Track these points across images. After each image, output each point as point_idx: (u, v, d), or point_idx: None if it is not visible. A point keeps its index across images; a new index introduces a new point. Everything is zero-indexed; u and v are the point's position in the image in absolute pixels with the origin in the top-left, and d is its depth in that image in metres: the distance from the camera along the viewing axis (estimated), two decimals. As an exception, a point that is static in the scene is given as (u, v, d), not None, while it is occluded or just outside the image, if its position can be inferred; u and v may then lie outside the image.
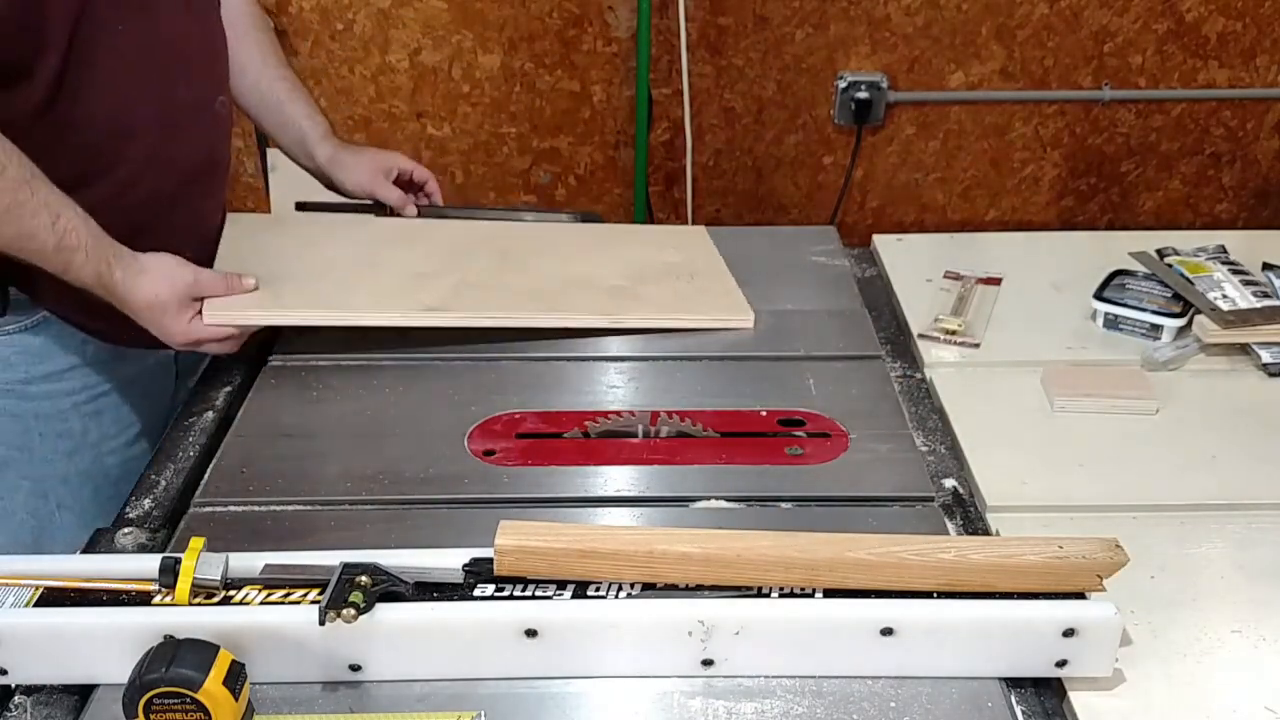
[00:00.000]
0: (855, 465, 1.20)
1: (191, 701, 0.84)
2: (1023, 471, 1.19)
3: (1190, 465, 1.21)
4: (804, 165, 2.71)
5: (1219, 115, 2.68)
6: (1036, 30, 2.56)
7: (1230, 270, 1.48)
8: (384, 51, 2.54)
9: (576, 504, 1.15)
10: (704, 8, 2.51)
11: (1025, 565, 0.94)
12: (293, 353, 1.39)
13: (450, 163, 2.68)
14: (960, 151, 2.70)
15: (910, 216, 2.79)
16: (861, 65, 2.59)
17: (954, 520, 1.13)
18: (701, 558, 0.95)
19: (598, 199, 2.73)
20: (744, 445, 1.23)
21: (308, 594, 0.95)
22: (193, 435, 1.26)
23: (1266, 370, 1.37)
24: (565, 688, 0.94)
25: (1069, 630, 0.92)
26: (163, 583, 0.94)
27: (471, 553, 0.96)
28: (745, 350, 1.41)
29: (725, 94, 2.62)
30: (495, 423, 1.27)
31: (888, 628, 0.92)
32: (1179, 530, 1.12)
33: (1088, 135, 2.69)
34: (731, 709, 0.91)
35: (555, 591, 0.95)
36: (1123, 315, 1.44)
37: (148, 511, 1.14)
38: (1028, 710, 0.93)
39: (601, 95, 2.60)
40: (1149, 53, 2.59)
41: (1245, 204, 2.80)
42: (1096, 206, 2.79)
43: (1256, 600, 1.04)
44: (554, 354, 1.40)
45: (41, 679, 0.94)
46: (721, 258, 1.58)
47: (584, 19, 2.52)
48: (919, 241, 1.73)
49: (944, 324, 1.44)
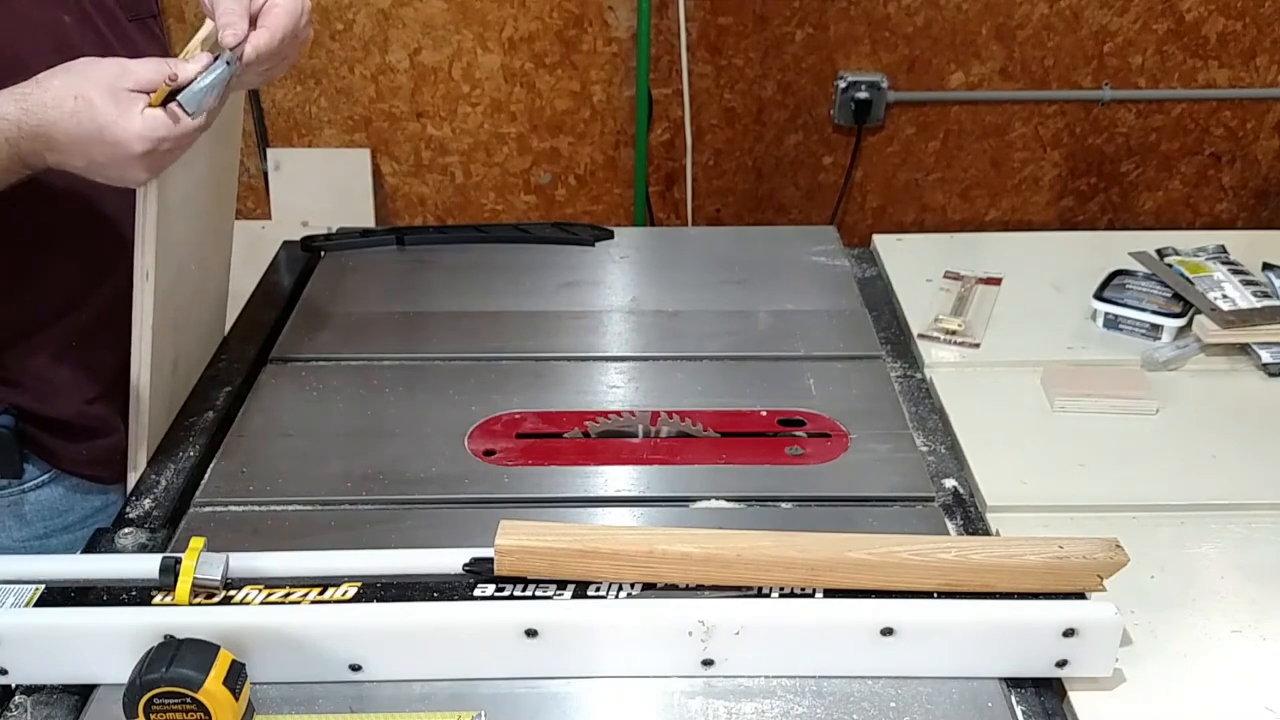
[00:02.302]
0: (855, 465, 1.20)
1: (192, 701, 0.84)
2: (1023, 471, 1.19)
3: (1190, 465, 1.21)
4: (804, 165, 2.71)
5: (1219, 115, 2.68)
6: (1036, 30, 2.56)
7: (1230, 270, 1.48)
8: (384, 51, 2.54)
9: (576, 504, 1.15)
10: (704, 8, 2.52)
11: (1025, 565, 0.95)
12: (293, 353, 1.39)
13: (450, 163, 2.68)
14: (960, 151, 2.70)
15: (910, 216, 2.79)
16: (861, 65, 2.59)
17: (954, 520, 1.13)
18: (701, 558, 0.95)
19: (598, 199, 2.73)
20: (744, 445, 1.23)
21: (308, 594, 0.95)
22: (193, 435, 1.26)
23: (1266, 370, 1.37)
24: (565, 688, 0.94)
25: (1069, 630, 0.92)
26: (163, 583, 0.94)
27: (471, 553, 0.97)
28: (745, 350, 1.41)
29: (725, 94, 2.62)
30: (495, 423, 1.27)
31: (888, 628, 0.92)
32: (1179, 530, 1.12)
33: (1088, 135, 2.69)
34: (731, 709, 0.91)
35: (555, 591, 0.95)
36: (1123, 315, 1.44)
37: (148, 511, 1.14)
38: (1028, 710, 0.93)
39: (601, 95, 2.60)
40: (1149, 53, 2.60)
41: (1245, 204, 2.80)
42: (1096, 206, 2.79)
43: (1256, 600, 1.04)
44: (554, 354, 1.40)
45: (41, 679, 0.94)
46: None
47: (584, 19, 2.52)
48: (919, 241, 1.73)
49: (944, 324, 1.44)
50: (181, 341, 1.29)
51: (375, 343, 1.41)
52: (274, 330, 1.46)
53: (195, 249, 1.29)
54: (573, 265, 1.62)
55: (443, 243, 1.68)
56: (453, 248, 1.67)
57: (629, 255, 1.65)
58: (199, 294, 1.35)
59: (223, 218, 1.41)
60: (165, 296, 1.17)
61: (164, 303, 1.17)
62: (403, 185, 2.71)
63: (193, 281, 1.30)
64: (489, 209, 2.74)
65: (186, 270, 1.26)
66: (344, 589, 0.95)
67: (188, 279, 1.27)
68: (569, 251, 1.66)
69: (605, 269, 1.62)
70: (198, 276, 1.32)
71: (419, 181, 2.70)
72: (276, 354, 1.40)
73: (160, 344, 1.19)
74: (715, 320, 1.48)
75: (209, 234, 1.35)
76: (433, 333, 1.40)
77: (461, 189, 2.71)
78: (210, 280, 1.40)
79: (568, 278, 1.58)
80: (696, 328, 1.47)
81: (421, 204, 2.74)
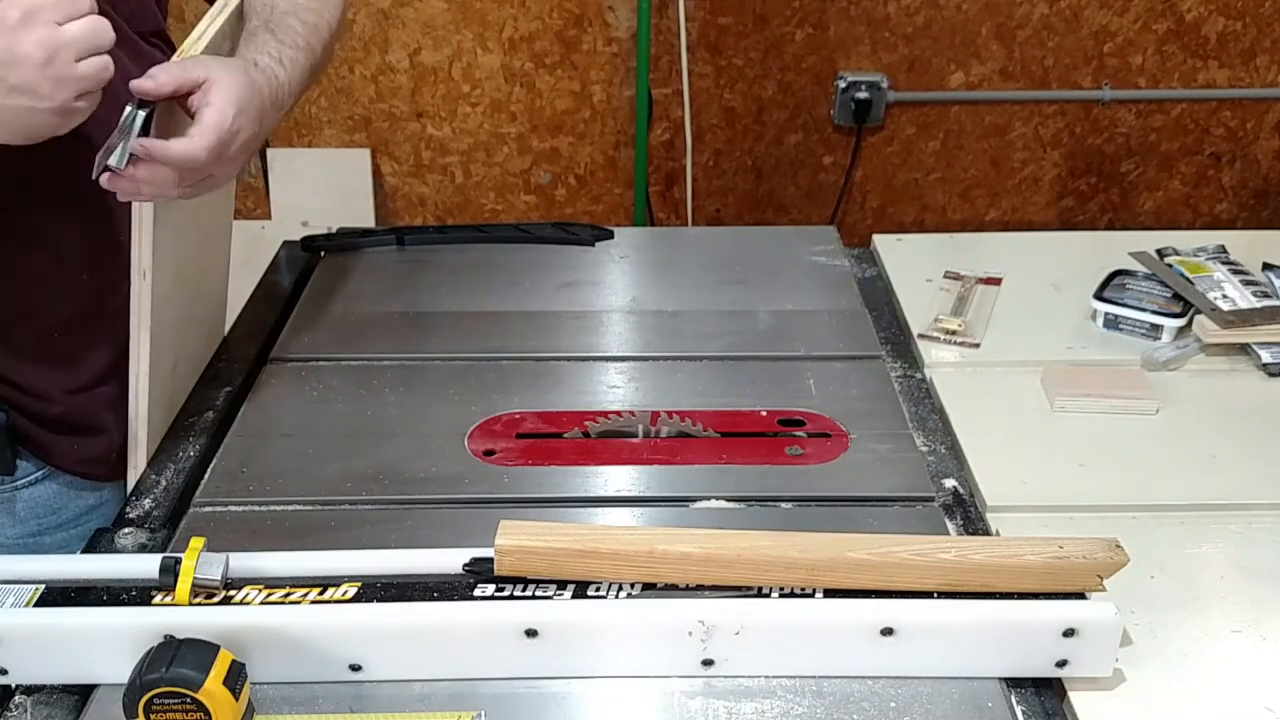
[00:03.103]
0: (855, 465, 1.20)
1: (192, 701, 0.84)
2: (1023, 471, 1.19)
3: (1190, 465, 1.21)
4: (804, 165, 2.71)
5: (1219, 115, 2.68)
6: (1036, 30, 2.56)
7: (1230, 270, 1.48)
8: (384, 51, 2.55)
9: (576, 504, 1.15)
10: (704, 8, 2.52)
11: (1025, 565, 0.94)
12: (293, 353, 1.39)
13: (450, 163, 2.68)
14: (960, 151, 2.70)
15: (910, 216, 2.79)
16: (861, 65, 2.60)
17: (954, 520, 1.12)
18: (702, 558, 0.95)
19: (598, 199, 2.73)
20: (744, 445, 1.23)
21: (308, 594, 0.95)
22: (193, 435, 1.26)
23: (1266, 370, 1.37)
24: (565, 688, 0.94)
25: (1069, 630, 0.92)
26: (163, 583, 0.94)
27: (471, 553, 0.97)
28: (745, 350, 1.41)
29: (725, 94, 2.62)
30: (495, 423, 1.27)
31: (888, 628, 0.92)
32: (1179, 530, 1.12)
33: (1088, 135, 2.69)
34: (731, 709, 0.91)
35: (555, 591, 0.95)
36: (1123, 315, 1.44)
37: (148, 511, 1.14)
38: (1028, 710, 0.93)
39: (601, 95, 2.60)
40: (1149, 53, 2.60)
41: (1245, 204, 2.80)
42: (1096, 206, 2.79)
43: (1256, 600, 1.04)
44: (554, 354, 1.40)
45: (41, 679, 0.94)
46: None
47: (584, 19, 2.52)
48: (919, 241, 1.73)
49: (944, 324, 1.44)
50: (181, 341, 1.29)
51: (375, 343, 1.41)
52: (274, 330, 1.46)
53: (193, 248, 1.29)
54: (573, 265, 1.62)
55: (443, 243, 1.68)
56: (453, 248, 1.67)
57: (629, 255, 1.65)
58: (198, 293, 1.34)
59: (221, 215, 1.41)
60: (163, 296, 1.17)
61: (162, 302, 1.17)
62: (403, 185, 2.71)
63: (191, 281, 1.30)
64: (489, 209, 2.74)
65: (185, 269, 1.25)
66: (344, 589, 0.95)
67: (186, 278, 1.27)
68: (569, 251, 1.66)
69: (605, 269, 1.62)
70: (196, 276, 1.32)
71: (419, 181, 2.70)
72: (276, 354, 1.40)
73: (159, 344, 1.19)
74: (715, 320, 1.48)
75: (207, 233, 1.35)
76: (433, 333, 1.40)
77: (461, 189, 2.71)
78: (209, 279, 1.40)
79: (568, 278, 1.58)
80: (696, 328, 1.47)
81: (421, 204, 2.74)
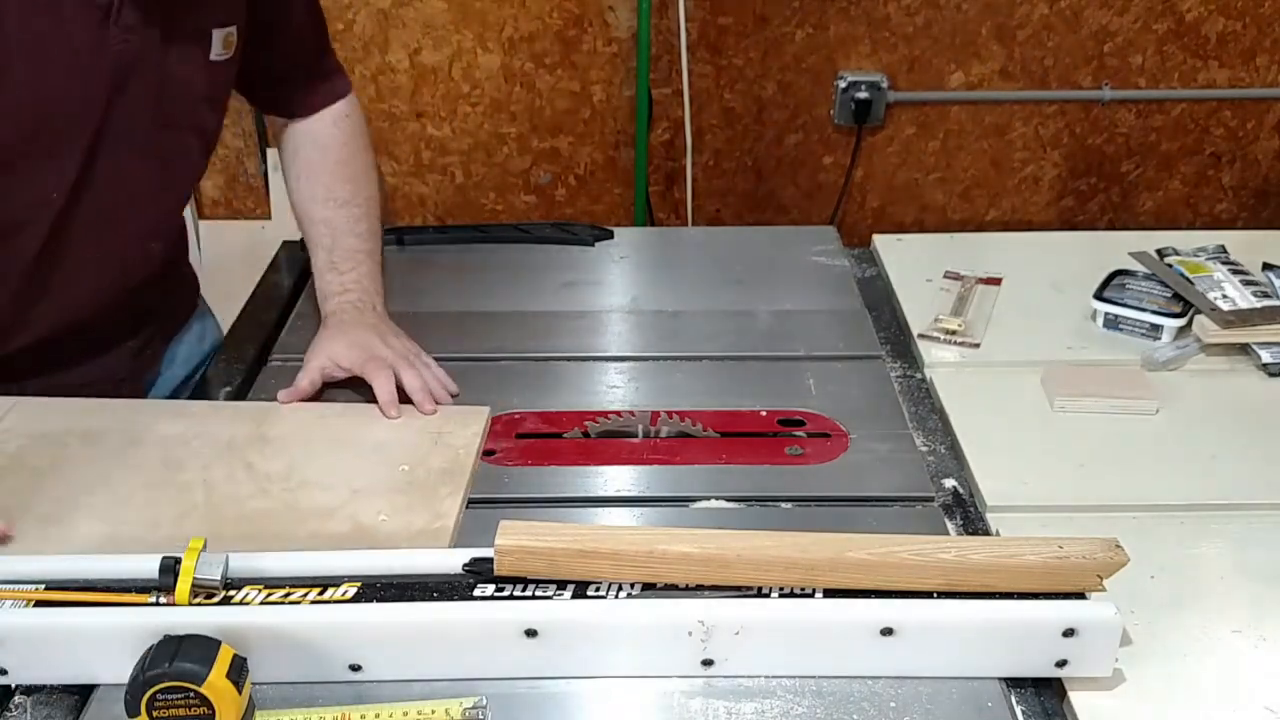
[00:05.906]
0: (855, 465, 1.20)
1: (195, 696, 0.84)
2: (1023, 471, 1.19)
3: (1190, 465, 1.21)
4: (804, 165, 2.71)
5: (1219, 115, 2.68)
6: (1036, 30, 2.56)
7: (1230, 270, 1.48)
8: (384, 51, 2.54)
9: (576, 504, 1.15)
10: (704, 8, 2.52)
11: (1025, 565, 0.94)
12: (293, 353, 1.39)
13: (450, 163, 2.68)
14: (960, 151, 2.70)
15: (910, 216, 2.79)
16: (861, 65, 2.59)
17: (954, 520, 1.13)
18: (701, 558, 0.95)
19: (598, 199, 2.73)
20: (744, 445, 1.23)
21: (308, 594, 0.95)
22: (193, 435, 1.26)
23: (1266, 370, 1.37)
24: (565, 687, 0.94)
25: (1069, 630, 0.92)
26: (162, 583, 0.94)
27: (471, 553, 0.97)
28: (745, 350, 1.42)
29: (725, 94, 2.62)
30: (495, 423, 1.27)
31: (888, 628, 0.92)
32: (1179, 530, 1.12)
33: (1088, 135, 2.69)
34: (731, 709, 0.91)
35: (555, 591, 0.95)
36: (1123, 315, 1.44)
37: (148, 511, 1.14)
38: (1028, 710, 0.93)
39: (601, 95, 2.60)
40: (1149, 53, 2.60)
41: (1245, 204, 2.80)
42: (1096, 206, 2.79)
43: (1256, 600, 1.04)
44: (554, 354, 1.40)
45: (41, 679, 0.94)
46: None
47: (584, 19, 2.52)
48: (919, 241, 1.73)
49: (944, 324, 1.44)
50: None
51: (375, 343, 1.41)
52: (274, 330, 1.46)
53: None
54: (573, 265, 1.62)
55: (443, 243, 1.68)
56: (453, 248, 1.67)
57: (629, 255, 1.66)
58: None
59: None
60: None
61: None
62: (403, 185, 2.71)
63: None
64: (489, 209, 2.74)
65: None
66: (344, 589, 0.95)
67: None
68: (569, 251, 1.66)
69: (605, 269, 1.62)
70: None
71: (419, 181, 2.70)
72: (276, 354, 1.40)
73: None
74: (715, 320, 1.48)
75: None
76: (433, 333, 1.40)
77: (461, 189, 2.71)
78: None
79: (568, 278, 1.58)
80: (696, 328, 1.47)
81: (421, 204, 2.74)
